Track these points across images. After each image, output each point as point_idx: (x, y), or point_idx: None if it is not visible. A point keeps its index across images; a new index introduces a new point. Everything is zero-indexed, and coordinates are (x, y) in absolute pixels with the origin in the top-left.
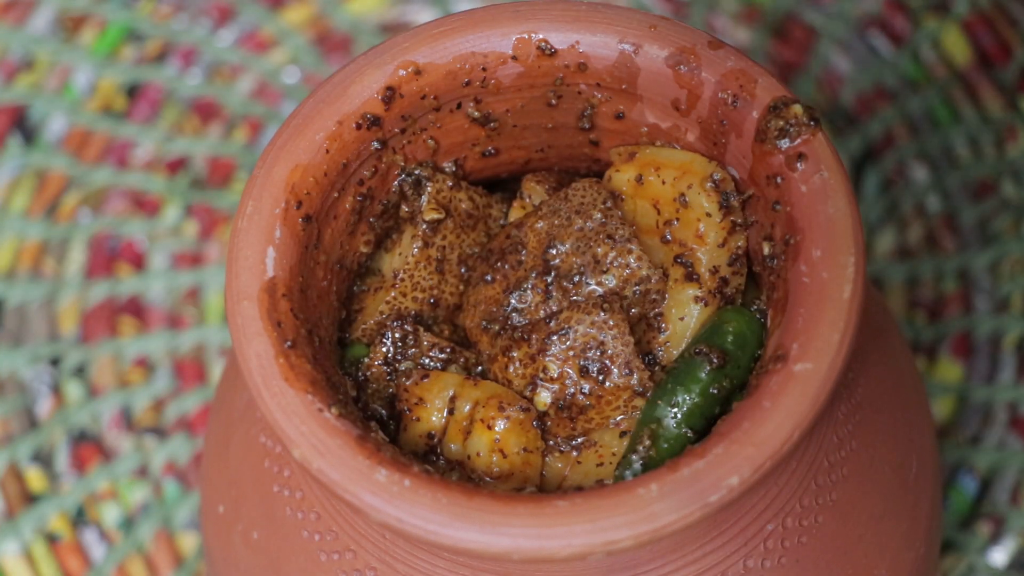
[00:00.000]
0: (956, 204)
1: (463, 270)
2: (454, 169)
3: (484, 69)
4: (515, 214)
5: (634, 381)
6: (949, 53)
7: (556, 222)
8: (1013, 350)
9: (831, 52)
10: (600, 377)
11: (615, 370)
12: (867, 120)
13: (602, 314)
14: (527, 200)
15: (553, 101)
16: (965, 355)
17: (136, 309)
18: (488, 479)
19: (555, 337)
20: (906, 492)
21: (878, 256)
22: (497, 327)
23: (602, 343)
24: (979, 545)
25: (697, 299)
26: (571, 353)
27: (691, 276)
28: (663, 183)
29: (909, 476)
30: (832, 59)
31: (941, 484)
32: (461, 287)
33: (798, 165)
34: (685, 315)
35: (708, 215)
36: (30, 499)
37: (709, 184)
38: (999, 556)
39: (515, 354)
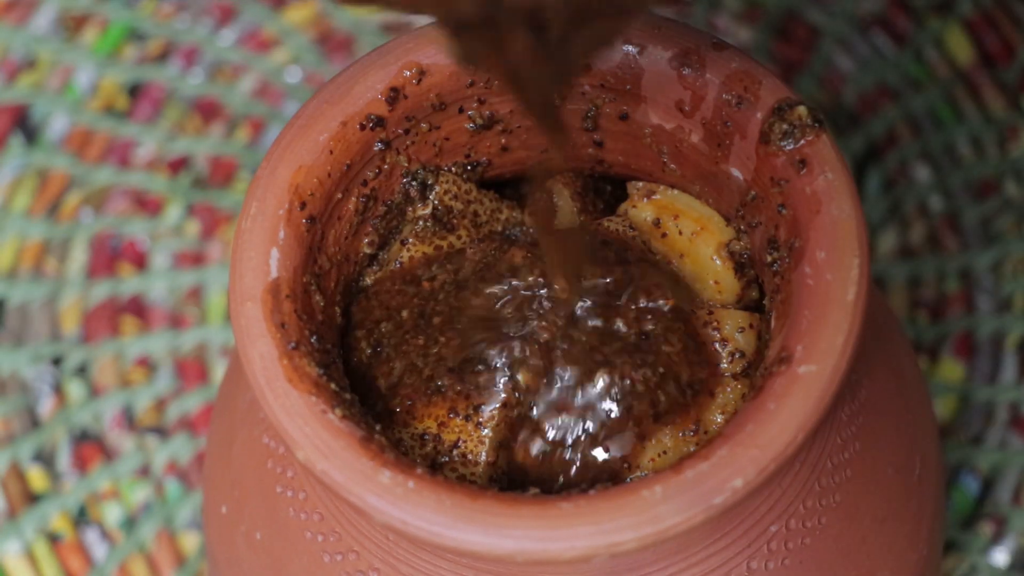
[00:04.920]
0: (958, 204)
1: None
2: (459, 170)
3: None
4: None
5: None
6: (952, 52)
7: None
8: (1015, 350)
9: (833, 51)
10: None
11: None
12: (869, 119)
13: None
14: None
15: (557, 102)
16: (967, 355)
17: (138, 309)
18: None
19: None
20: (910, 493)
21: (880, 256)
22: None
23: None
24: (981, 545)
25: None
26: None
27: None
28: (680, 233)
29: (913, 477)
30: (834, 58)
31: (945, 485)
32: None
33: (802, 167)
34: None
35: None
36: (32, 499)
37: (724, 252)
38: (1001, 556)
39: None
